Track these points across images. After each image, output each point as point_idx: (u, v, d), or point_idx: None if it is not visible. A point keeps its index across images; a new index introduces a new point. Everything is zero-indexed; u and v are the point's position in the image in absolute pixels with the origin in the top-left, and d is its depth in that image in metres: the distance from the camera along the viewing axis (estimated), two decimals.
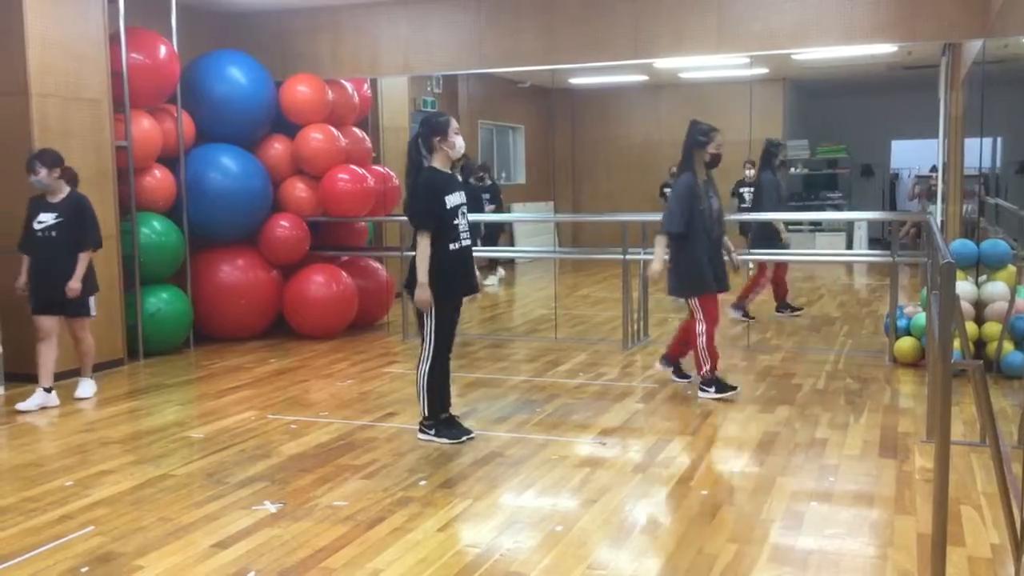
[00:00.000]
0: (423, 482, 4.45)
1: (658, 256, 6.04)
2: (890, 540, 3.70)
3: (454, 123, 5.03)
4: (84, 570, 3.51)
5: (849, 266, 13.56)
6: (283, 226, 8.37)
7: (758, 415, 5.63)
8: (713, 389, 6.00)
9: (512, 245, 13.58)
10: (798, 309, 9.40)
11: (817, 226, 14.03)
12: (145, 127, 7.50)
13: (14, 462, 4.94)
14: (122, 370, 7.15)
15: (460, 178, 5.22)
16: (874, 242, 14.52)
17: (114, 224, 7.20)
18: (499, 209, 12.31)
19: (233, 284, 8.14)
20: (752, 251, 8.54)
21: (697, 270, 5.93)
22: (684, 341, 6.31)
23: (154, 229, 7.58)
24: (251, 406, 6.02)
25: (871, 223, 14.35)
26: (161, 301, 7.58)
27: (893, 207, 15.48)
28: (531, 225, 14.25)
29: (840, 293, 11.37)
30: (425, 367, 5.10)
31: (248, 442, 5.19)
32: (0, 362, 6.46)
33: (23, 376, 6.50)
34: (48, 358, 6.13)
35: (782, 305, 9.36)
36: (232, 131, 8.29)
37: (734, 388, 6.06)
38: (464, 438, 5.13)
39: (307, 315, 8.36)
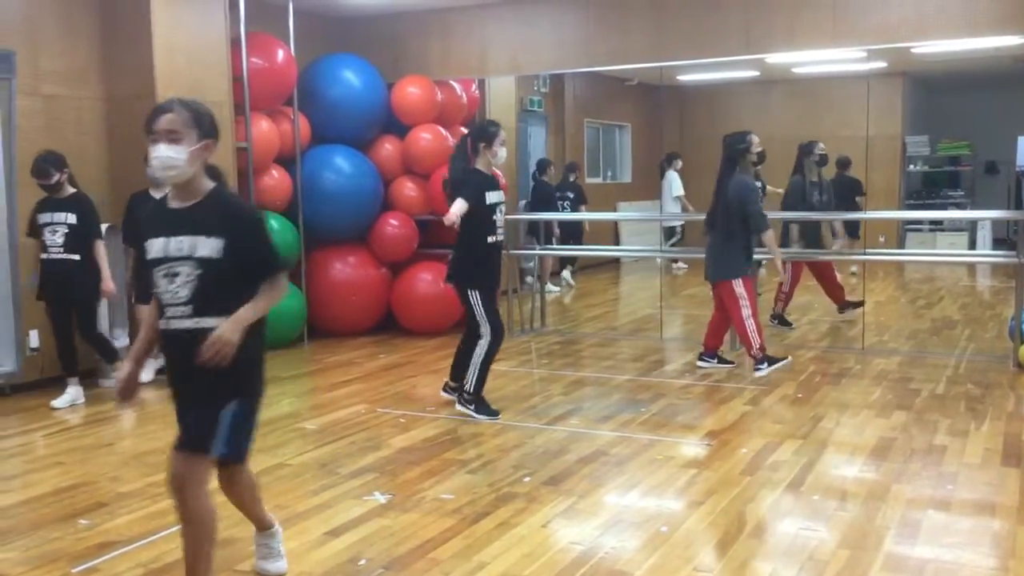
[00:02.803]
0: (527, 478, 4.49)
1: (777, 253, 6.79)
2: (1012, 552, 3.55)
3: (502, 135, 5.58)
4: None
5: (972, 267, 13.00)
6: (393, 224, 8.54)
7: (873, 420, 5.47)
8: (766, 364, 6.50)
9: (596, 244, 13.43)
10: (787, 324, 8.73)
11: (938, 225, 13.52)
12: (264, 129, 7.75)
13: (139, 449, 5.20)
14: None
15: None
16: (999, 242, 13.88)
17: None
18: (576, 209, 12.10)
19: (345, 281, 8.35)
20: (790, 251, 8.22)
21: (738, 256, 6.58)
22: (717, 332, 7.01)
23: (271, 228, 7.83)
24: (362, 399, 6.17)
25: (995, 222, 13.73)
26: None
27: (1019, 206, 14.74)
28: (637, 224, 14.14)
29: (962, 295, 10.93)
30: (484, 346, 5.57)
31: (359, 434, 5.32)
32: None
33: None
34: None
35: (843, 306, 8.91)
36: (345, 132, 8.50)
37: (785, 358, 6.67)
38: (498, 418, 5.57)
39: (415, 312, 8.51)
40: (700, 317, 9.63)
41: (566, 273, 12.22)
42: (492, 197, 5.55)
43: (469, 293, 5.56)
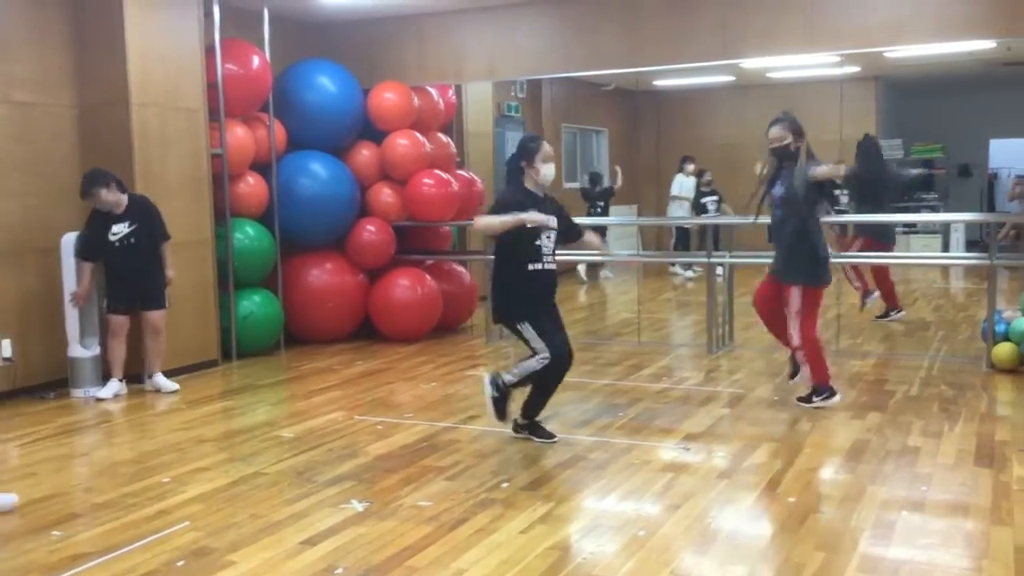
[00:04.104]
0: (506, 484, 4.48)
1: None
2: (985, 552, 3.59)
3: (546, 149, 5.02)
4: (180, 564, 3.64)
5: (945, 269, 13.13)
6: (370, 231, 8.52)
7: (848, 422, 5.50)
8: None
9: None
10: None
11: (912, 228, 13.63)
12: (239, 135, 7.72)
13: (115, 459, 5.15)
14: (216, 371, 7.37)
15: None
16: (972, 244, 14.03)
17: (209, 229, 7.44)
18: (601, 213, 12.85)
19: (322, 288, 8.32)
20: None
21: (813, 259, 5.81)
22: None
23: (247, 234, 7.80)
24: (339, 407, 6.15)
25: (968, 225, 13.88)
26: (254, 304, 7.79)
27: (992, 208, 14.92)
28: (614, 228, 14.19)
29: (935, 297, 11.03)
30: (539, 361, 5.05)
31: (336, 442, 5.30)
32: (99, 363, 6.73)
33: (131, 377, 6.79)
34: (122, 352, 6.60)
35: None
36: (321, 138, 8.48)
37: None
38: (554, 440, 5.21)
39: (393, 318, 8.49)
40: (677, 321, 9.69)
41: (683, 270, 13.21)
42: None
43: (519, 328, 5.04)
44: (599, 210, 12.74)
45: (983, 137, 15.57)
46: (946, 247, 13.81)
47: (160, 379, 6.69)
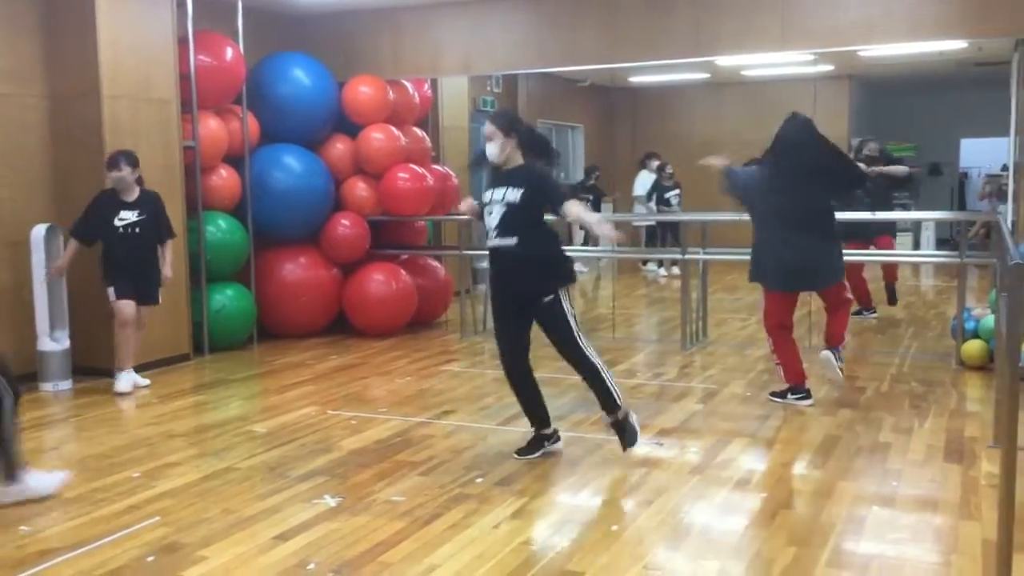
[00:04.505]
0: (480, 479, 4.48)
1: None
2: (954, 546, 3.63)
3: (484, 129, 4.92)
4: (150, 559, 3.61)
5: (916, 267, 13.26)
6: (344, 225, 8.48)
7: (819, 418, 5.55)
8: (837, 358, 5.84)
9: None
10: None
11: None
12: (212, 127, 7.65)
13: (84, 453, 5.09)
14: (188, 365, 7.31)
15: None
16: (942, 243, 14.18)
17: (181, 222, 7.36)
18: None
19: (295, 282, 8.27)
20: None
21: (840, 253, 5.96)
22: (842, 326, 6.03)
23: (219, 227, 7.74)
24: (312, 402, 6.12)
25: (939, 223, 14.02)
26: (226, 298, 7.73)
27: (962, 207, 15.09)
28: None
29: (906, 295, 11.13)
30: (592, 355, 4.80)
31: (309, 437, 5.27)
32: (68, 357, 6.65)
33: (90, 371, 6.71)
34: (131, 343, 6.49)
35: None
36: (295, 131, 8.42)
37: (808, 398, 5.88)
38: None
39: (367, 313, 8.45)
40: (652, 317, 9.72)
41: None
42: (487, 195, 4.80)
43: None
44: (589, 202, 12.90)
45: (954, 136, 15.74)
46: (917, 245, 13.95)
47: (135, 375, 6.58)
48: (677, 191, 13.18)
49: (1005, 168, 11.61)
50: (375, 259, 8.67)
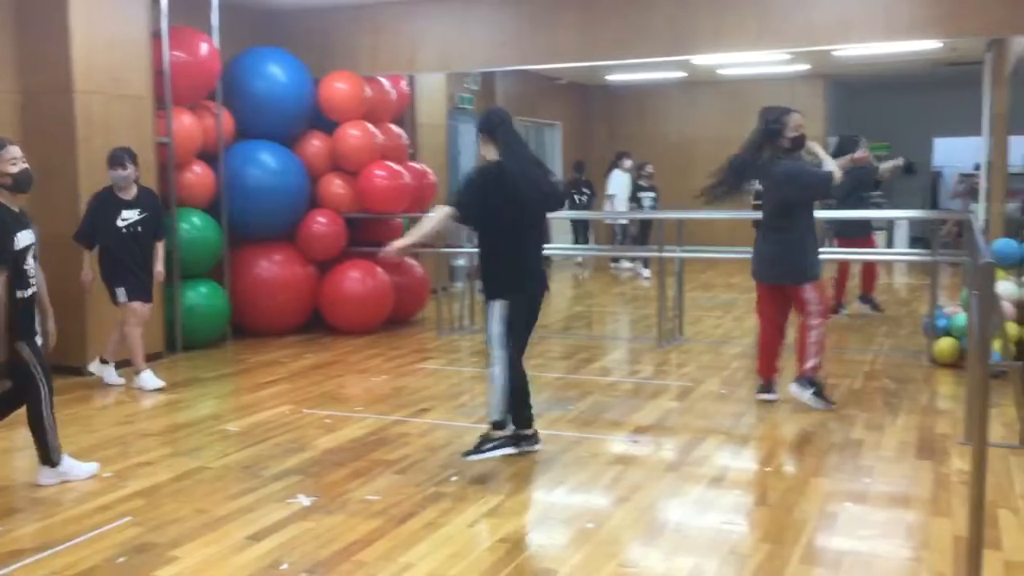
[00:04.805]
0: (455, 478, 4.47)
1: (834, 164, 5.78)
2: (925, 543, 3.66)
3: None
4: (121, 560, 3.58)
5: (889, 265, 13.38)
6: (320, 222, 8.44)
7: (793, 414, 5.58)
8: (812, 391, 5.62)
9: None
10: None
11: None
12: (186, 123, 7.59)
13: None
14: (160, 363, 7.24)
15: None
16: (916, 241, 14.31)
17: None
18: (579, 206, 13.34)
19: (270, 279, 8.22)
20: None
21: (815, 253, 5.71)
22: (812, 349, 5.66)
23: (193, 224, 7.68)
24: (287, 400, 6.08)
25: (913, 222, 14.15)
26: (200, 296, 7.67)
27: (935, 206, 15.25)
28: (566, 222, 14.26)
29: (879, 292, 11.20)
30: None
31: (283, 436, 5.24)
32: None
33: (60, 369, 6.65)
34: (140, 341, 6.50)
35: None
36: (271, 128, 8.37)
37: (832, 403, 5.67)
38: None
39: (343, 311, 8.42)
40: (629, 315, 9.74)
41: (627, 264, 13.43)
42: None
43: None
44: (583, 200, 13.11)
45: (927, 136, 15.89)
46: (891, 243, 14.07)
47: (110, 372, 6.61)
48: (653, 194, 13.12)
49: (977, 167, 11.73)
50: (351, 257, 8.63)
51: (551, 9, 8.24)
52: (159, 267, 6.58)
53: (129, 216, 6.37)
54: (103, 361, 6.62)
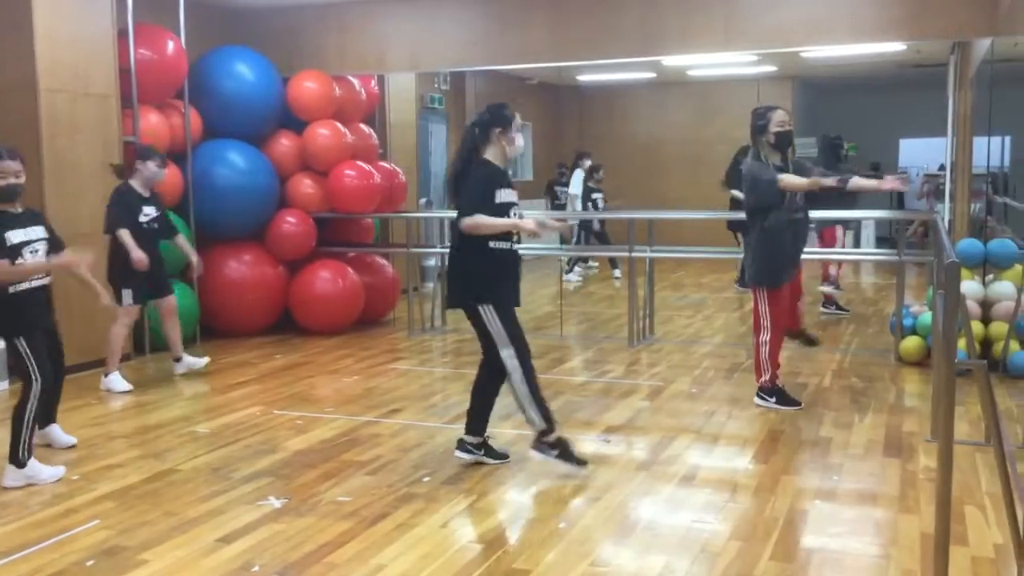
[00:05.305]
0: (427, 478, 4.46)
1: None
2: (893, 539, 3.70)
3: (519, 120, 4.62)
4: (90, 563, 3.54)
5: (856, 265, 13.53)
6: (290, 222, 8.38)
7: (763, 414, 5.62)
8: (774, 399, 5.68)
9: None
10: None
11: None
12: (153, 122, 7.52)
13: None
14: (129, 365, 7.16)
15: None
16: (882, 241, 14.48)
17: None
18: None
19: (239, 280, 8.16)
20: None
21: (770, 260, 5.57)
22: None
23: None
24: (257, 401, 6.04)
25: (879, 222, 14.30)
26: None
27: (901, 206, 15.42)
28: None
29: (846, 292, 11.34)
30: (514, 370, 4.60)
31: (253, 437, 5.21)
32: (4, 356, 6.48)
33: None
34: (122, 343, 6.55)
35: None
36: (239, 127, 8.30)
37: (798, 403, 5.69)
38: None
39: (313, 311, 8.37)
40: (599, 315, 9.76)
41: (579, 269, 13.17)
42: (504, 195, 4.48)
43: (480, 310, 4.51)
44: (598, 200, 12.98)
45: (893, 136, 16.10)
46: (857, 243, 14.22)
47: (190, 358, 6.80)
48: (601, 194, 12.99)
49: (942, 168, 11.88)
50: (321, 257, 8.59)
51: (521, 9, 8.25)
52: (195, 257, 6.75)
53: (149, 213, 6.45)
54: (177, 360, 6.78)
